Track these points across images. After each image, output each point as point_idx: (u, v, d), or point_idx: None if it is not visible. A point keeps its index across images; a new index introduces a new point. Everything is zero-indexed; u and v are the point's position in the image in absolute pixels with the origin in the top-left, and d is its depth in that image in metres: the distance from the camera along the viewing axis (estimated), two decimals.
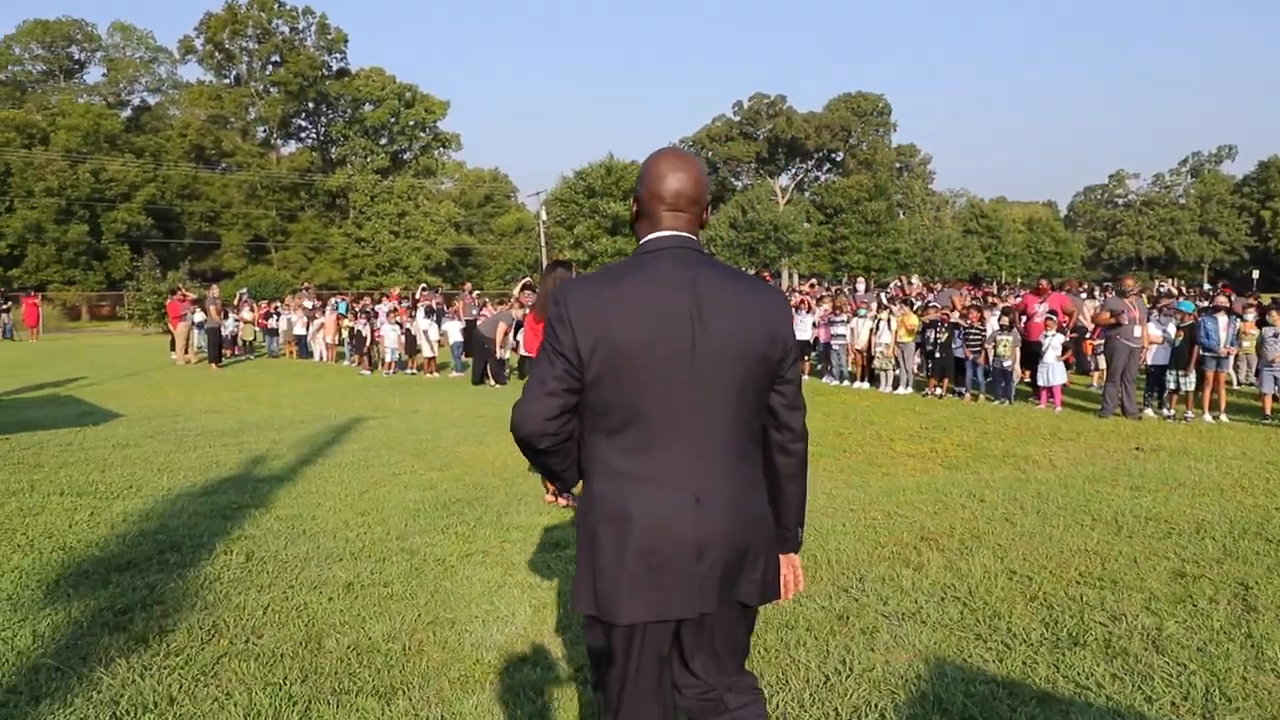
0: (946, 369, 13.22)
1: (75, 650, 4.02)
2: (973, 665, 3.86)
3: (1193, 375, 10.70)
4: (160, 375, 17.87)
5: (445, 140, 65.43)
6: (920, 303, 16.19)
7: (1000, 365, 12.49)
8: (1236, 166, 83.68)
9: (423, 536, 5.82)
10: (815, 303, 16.51)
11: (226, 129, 61.39)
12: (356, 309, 21.46)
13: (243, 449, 9.02)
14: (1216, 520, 6.17)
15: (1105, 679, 3.70)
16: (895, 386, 13.89)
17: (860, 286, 19.74)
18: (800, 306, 16.14)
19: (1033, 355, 12.65)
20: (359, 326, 19.24)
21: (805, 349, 15.93)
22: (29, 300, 33.70)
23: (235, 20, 58.37)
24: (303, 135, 65.17)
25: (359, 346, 19.17)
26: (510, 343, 15.68)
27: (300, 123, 64.20)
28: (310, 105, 62.17)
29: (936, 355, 13.32)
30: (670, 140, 78.17)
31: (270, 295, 33.42)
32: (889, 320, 13.91)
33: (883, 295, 19.20)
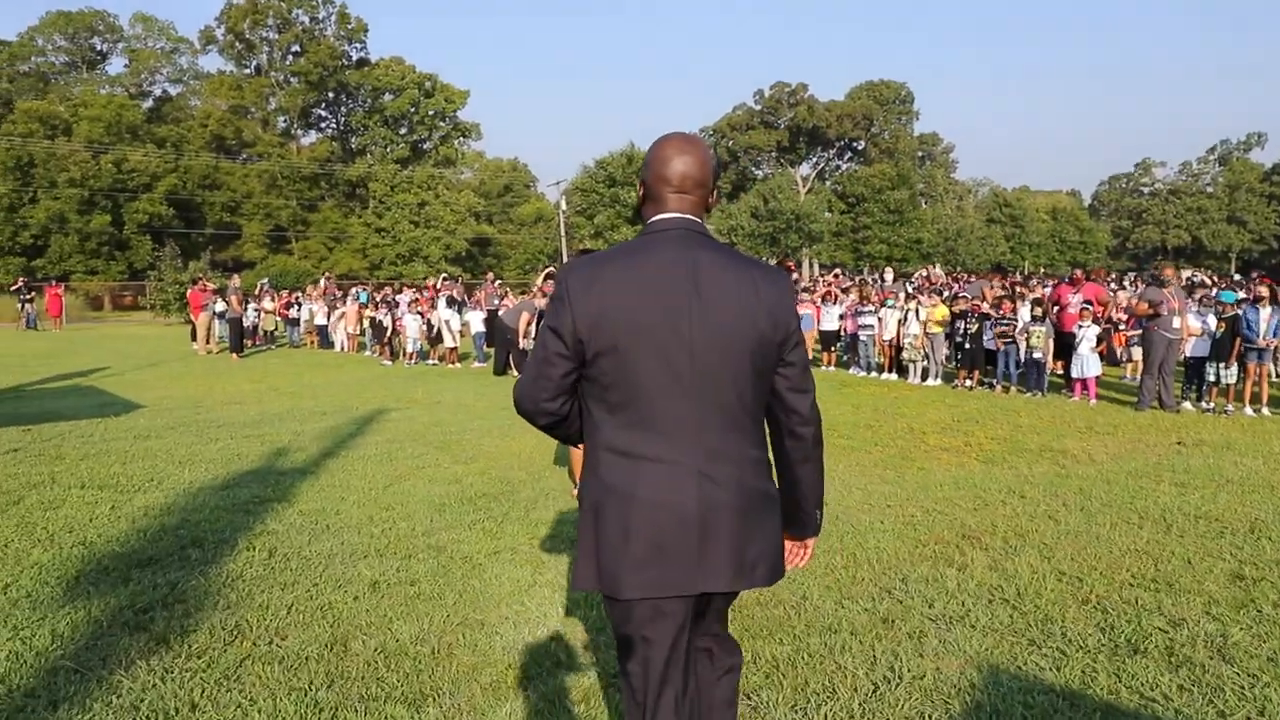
0: (977, 360, 12.97)
1: (95, 651, 3.89)
2: (1029, 673, 3.68)
3: (1234, 367, 10.42)
4: (181, 365, 17.85)
5: (465, 130, 65.25)
6: (948, 293, 15.92)
7: (1032, 357, 12.24)
8: (1266, 154, 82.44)
9: (449, 533, 5.67)
10: (841, 293, 16.27)
11: (247, 119, 61.41)
12: (377, 299, 21.38)
13: (264, 441, 8.91)
14: (1271, 519, 5.94)
15: (1172, 690, 3.51)
16: (924, 378, 13.66)
17: (888, 276, 19.43)
18: (827, 297, 15.91)
19: (1065, 347, 12.39)
20: (380, 316, 19.14)
21: (832, 340, 15.71)
22: (52, 290, 33.83)
23: (255, 10, 58.33)
24: (323, 125, 65.13)
25: (380, 336, 19.07)
26: (533, 333, 15.54)
27: (320, 112, 64.14)
28: (330, 95, 62.09)
29: (966, 346, 13.07)
30: (691, 129, 77.77)
31: (291, 285, 33.43)
32: (917, 310, 13.67)
33: (908, 286, 18.94)
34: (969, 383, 13.01)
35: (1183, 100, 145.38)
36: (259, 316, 23.21)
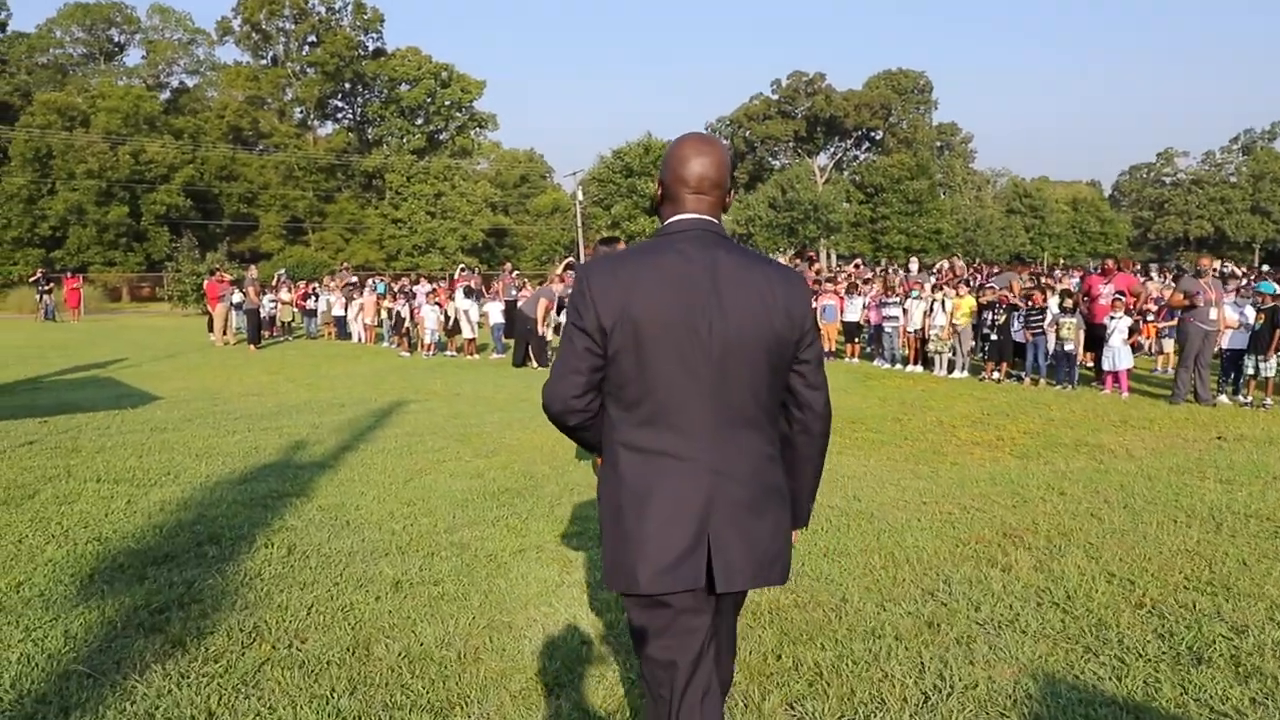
0: (1005, 352, 12.72)
1: (108, 654, 3.75)
2: (1087, 683, 3.48)
3: (1274, 360, 10.14)
4: (198, 357, 17.78)
5: (481, 120, 65.08)
6: (974, 284, 15.66)
7: (1062, 349, 11.98)
8: None
9: (472, 529, 5.51)
10: (863, 284, 16.03)
11: (264, 110, 61.39)
12: (395, 289, 21.26)
13: (282, 433, 8.78)
14: None
15: (1244, 704, 3.30)
16: (950, 370, 13.42)
17: (913, 267, 19.15)
18: (852, 288, 15.67)
19: (1094, 339, 12.13)
20: (398, 307, 19.01)
21: (855, 331, 15.47)
22: (70, 282, 33.90)
23: (272, 1, 58.28)
24: (339, 116, 65.07)
25: (398, 327, 18.95)
26: (553, 320, 15.35)
27: (337, 103, 64.07)
28: (347, 86, 61.98)
29: (994, 338, 12.81)
30: (707, 119, 77.42)
31: (308, 276, 33.38)
32: (944, 302, 13.42)
33: (930, 277, 18.65)
34: (996, 375, 12.77)
35: (1205, 89, 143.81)
36: (276, 308, 23.12)
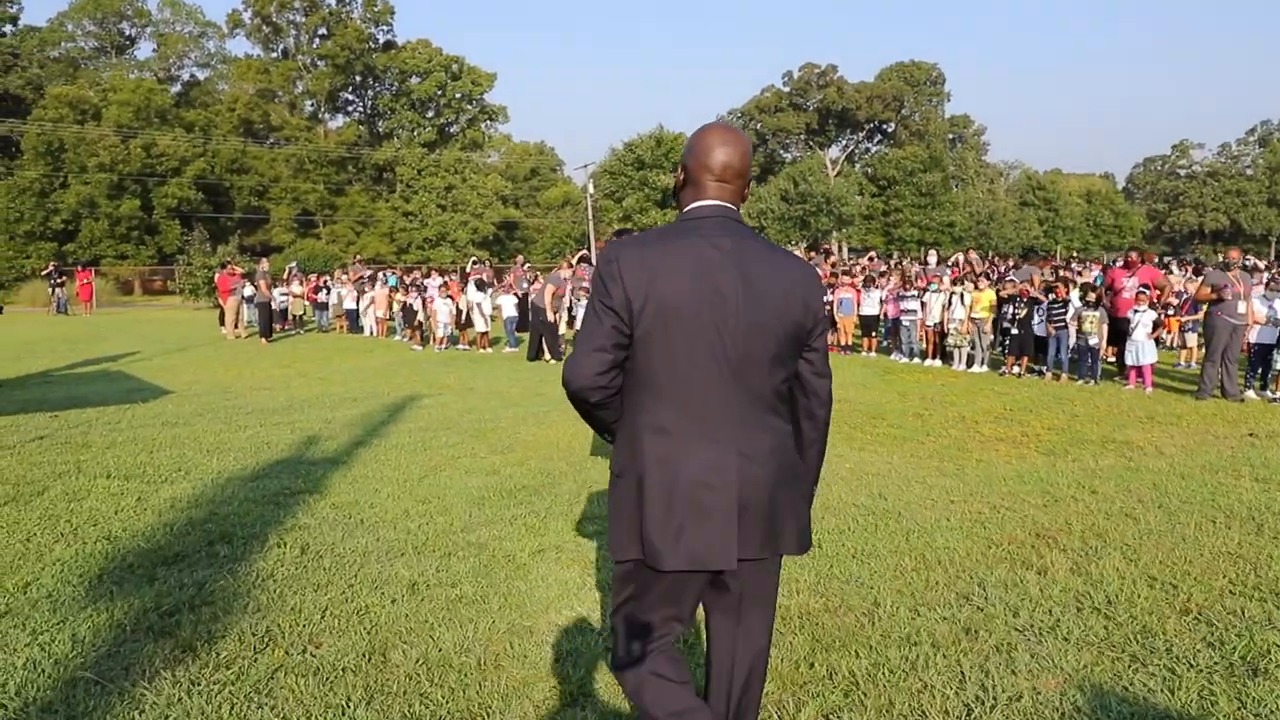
0: (1026, 347, 12.51)
1: (117, 659, 3.62)
2: (1137, 695, 3.32)
3: None
4: (210, 350, 17.69)
5: (492, 113, 64.89)
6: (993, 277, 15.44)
7: (1085, 343, 11.77)
8: None
9: (489, 529, 5.37)
10: (880, 277, 15.82)
11: (274, 103, 61.31)
12: (407, 282, 21.13)
13: (294, 428, 8.65)
14: None
15: None
16: (969, 365, 13.22)
17: (931, 259, 18.92)
18: (869, 281, 15.47)
19: (1118, 332, 11.92)
20: (410, 300, 18.87)
21: (872, 325, 15.28)
22: (83, 275, 33.90)
23: None
24: (350, 109, 64.96)
25: (410, 321, 18.82)
26: (561, 308, 15.12)
27: (347, 96, 63.97)
28: (357, 78, 61.88)
29: (1015, 332, 12.61)
30: (719, 111, 77.13)
31: (319, 269, 33.29)
32: (963, 295, 13.21)
33: (947, 270, 18.42)
34: (1017, 370, 12.57)
35: (1221, 80, 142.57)
36: (288, 301, 23.00)
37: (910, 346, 14.33)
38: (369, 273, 24.50)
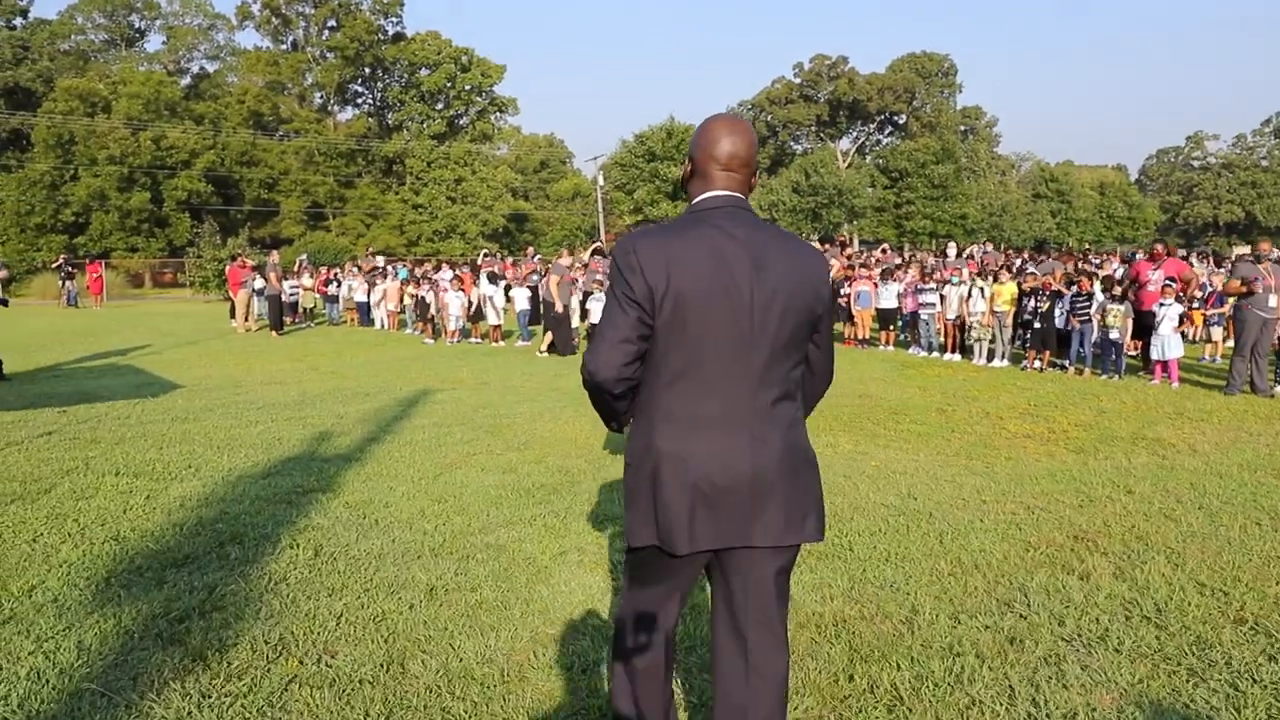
0: (1048, 341, 12.29)
1: (124, 669, 3.46)
2: (1200, 713, 3.14)
3: None
4: (221, 343, 17.56)
5: (502, 105, 64.71)
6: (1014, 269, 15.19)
7: (1109, 337, 11.55)
8: None
9: (508, 530, 5.20)
10: (898, 269, 15.60)
11: (284, 95, 61.28)
12: (418, 275, 20.97)
13: (306, 424, 8.50)
14: None
15: None
16: (989, 359, 13.00)
17: (951, 252, 18.67)
18: (886, 275, 15.24)
19: (1142, 326, 11.69)
20: (423, 293, 18.70)
21: (891, 318, 15.06)
22: (93, 268, 33.86)
23: None
24: (359, 101, 64.92)
25: (423, 314, 18.65)
26: (566, 295, 14.88)
27: (357, 88, 63.89)
28: (367, 70, 61.77)
29: (1036, 326, 12.38)
30: (729, 103, 76.69)
31: (329, 262, 33.19)
32: (984, 288, 12.99)
33: (964, 263, 18.18)
34: (1038, 364, 12.35)
35: (1236, 71, 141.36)
36: (298, 293, 22.86)
37: (929, 340, 14.11)
38: (382, 263, 24.36)
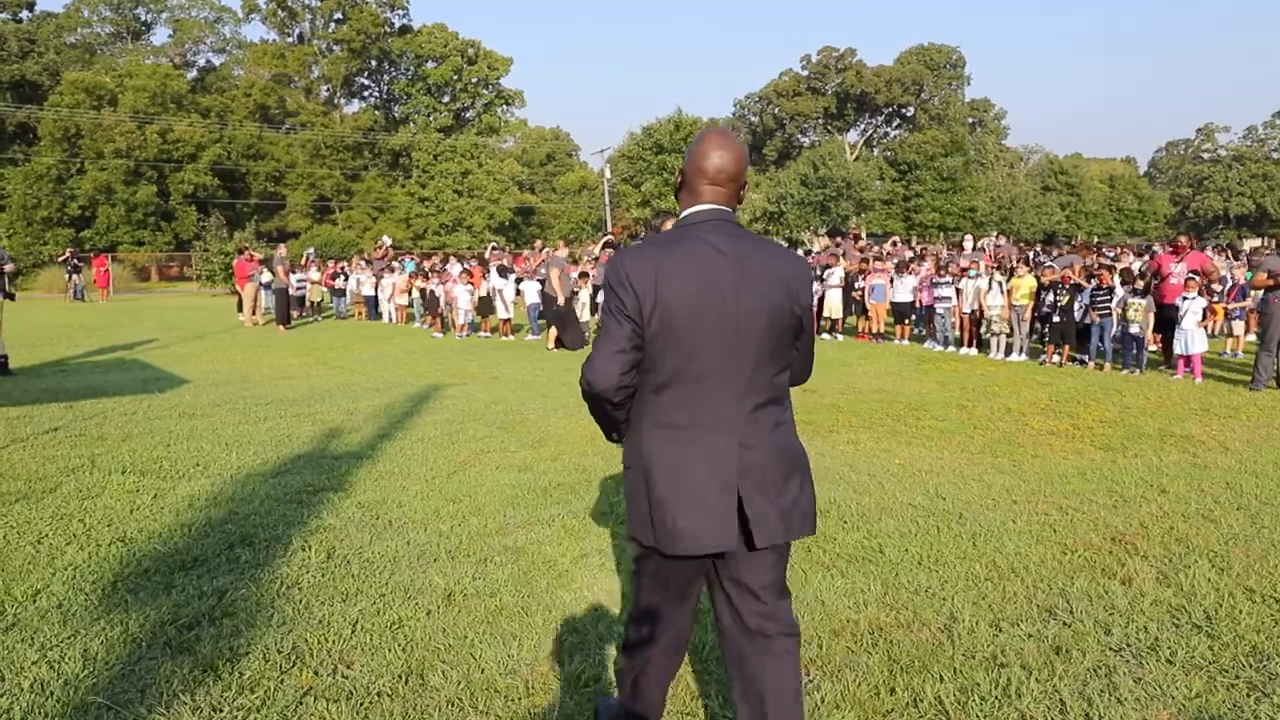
0: (1068, 335, 12.08)
1: (131, 680, 3.32)
2: None
3: None
4: (228, 337, 17.43)
5: (508, 97, 64.43)
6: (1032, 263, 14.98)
7: (1129, 331, 11.35)
8: None
9: (526, 531, 5.04)
10: (914, 262, 15.40)
11: (290, 88, 60.97)
12: (426, 268, 20.81)
13: (316, 420, 8.35)
14: None
15: None
16: (1007, 353, 12.81)
17: (968, 245, 18.45)
18: (901, 269, 15.05)
19: (1164, 320, 11.49)
20: (432, 286, 18.53)
21: (906, 312, 14.86)
22: (99, 262, 33.76)
23: None
24: (365, 94, 64.59)
25: (431, 308, 18.50)
26: (568, 289, 14.66)
27: (363, 81, 63.60)
28: (373, 63, 61.52)
29: (1056, 320, 12.18)
30: (736, 96, 76.39)
31: (336, 255, 33.05)
32: (1002, 282, 12.79)
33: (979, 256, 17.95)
34: (1057, 358, 12.16)
35: (1247, 62, 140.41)
36: (305, 287, 22.73)
37: (945, 334, 13.92)
38: (389, 242, 24.23)
